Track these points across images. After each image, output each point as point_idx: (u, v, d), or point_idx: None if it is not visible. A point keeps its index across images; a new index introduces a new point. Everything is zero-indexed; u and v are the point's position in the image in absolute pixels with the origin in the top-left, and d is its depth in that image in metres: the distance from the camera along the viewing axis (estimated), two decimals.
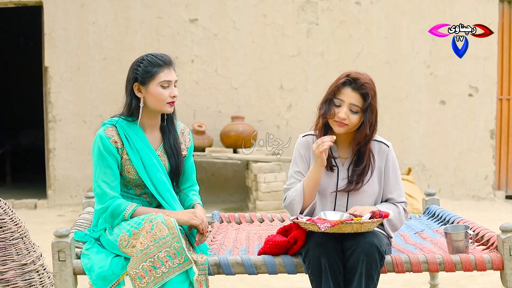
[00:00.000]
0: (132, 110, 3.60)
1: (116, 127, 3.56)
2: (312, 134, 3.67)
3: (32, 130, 12.39)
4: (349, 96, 3.48)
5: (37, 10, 9.00)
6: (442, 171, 9.09)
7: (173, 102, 3.59)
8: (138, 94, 3.57)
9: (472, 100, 9.05)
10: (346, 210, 3.56)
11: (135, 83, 3.56)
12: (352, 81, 3.49)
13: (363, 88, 3.48)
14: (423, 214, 4.60)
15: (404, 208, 3.61)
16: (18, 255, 3.55)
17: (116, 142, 3.53)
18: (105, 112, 8.68)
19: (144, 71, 3.54)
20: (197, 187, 3.86)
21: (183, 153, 3.73)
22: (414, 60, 8.97)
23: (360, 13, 8.89)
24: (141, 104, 3.57)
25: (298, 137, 3.73)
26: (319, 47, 8.90)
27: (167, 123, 3.69)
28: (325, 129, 3.60)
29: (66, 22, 8.75)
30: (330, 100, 3.53)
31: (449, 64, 8.99)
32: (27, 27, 12.79)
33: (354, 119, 3.49)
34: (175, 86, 3.60)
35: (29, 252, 3.65)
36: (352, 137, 3.59)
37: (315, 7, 8.86)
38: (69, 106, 8.81)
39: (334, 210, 3.57)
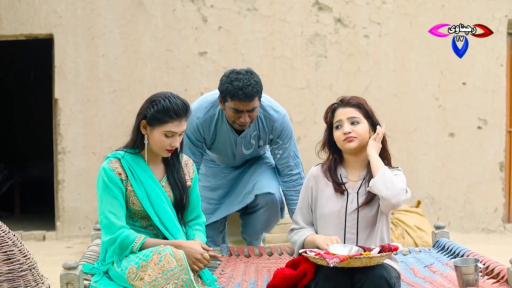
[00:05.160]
0: (137, 144, 3.63)
1: (119, 160, 3.59)
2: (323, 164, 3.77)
3: (41, 162, 12.40)
4: (344, 113, 3.63)
5: (48, 43, 9.07)
6: (451, 204, 9.05)
7: (171, 150, 3.61)
8: (143, 131, 3.59)
9: (481, 132, 9.03)
10: (357, 229, 3.57)
11: (143, 120, 3.58)
12: (340, 102, 3.69)
13: (352, 101, 3.66)
14: (433, 247, 4.58)
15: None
16: (27, 287, 3.54)
17: (120, 174, 3.55)
18: (114, 144, 8.68)
19: (156, 113, 3.54)
20: (203, 218, 3.86)
21: (187, 183, 3.75)
22: (422, 92, 8.98)
23: (368, 46, 8.92)
24: (146, 142, 3.60)
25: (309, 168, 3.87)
26: (327, 80, 8.92)
27: (171, 156, 3.70)
28: (334, 161, 3.69)
29: (76, 55, 8.81)
30: (329, 130, 3.70)
31: (457, 96, 8.99)
32: (38, 59, 12.88)
33: (359, 129, 3.61)
34: (180, 135, 3.61)
35: (37, 284, 3.63)
36: (362, 159, 3.67)
37: (323, 40, 8.90)
38: (79, 138, 8.84)
39: (345, 230, 3.58)
